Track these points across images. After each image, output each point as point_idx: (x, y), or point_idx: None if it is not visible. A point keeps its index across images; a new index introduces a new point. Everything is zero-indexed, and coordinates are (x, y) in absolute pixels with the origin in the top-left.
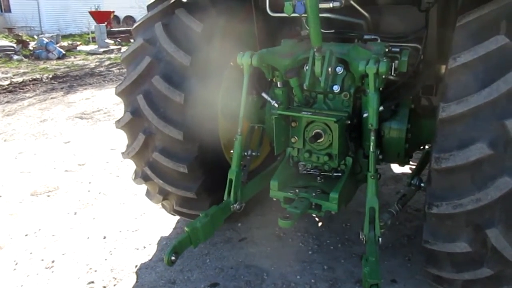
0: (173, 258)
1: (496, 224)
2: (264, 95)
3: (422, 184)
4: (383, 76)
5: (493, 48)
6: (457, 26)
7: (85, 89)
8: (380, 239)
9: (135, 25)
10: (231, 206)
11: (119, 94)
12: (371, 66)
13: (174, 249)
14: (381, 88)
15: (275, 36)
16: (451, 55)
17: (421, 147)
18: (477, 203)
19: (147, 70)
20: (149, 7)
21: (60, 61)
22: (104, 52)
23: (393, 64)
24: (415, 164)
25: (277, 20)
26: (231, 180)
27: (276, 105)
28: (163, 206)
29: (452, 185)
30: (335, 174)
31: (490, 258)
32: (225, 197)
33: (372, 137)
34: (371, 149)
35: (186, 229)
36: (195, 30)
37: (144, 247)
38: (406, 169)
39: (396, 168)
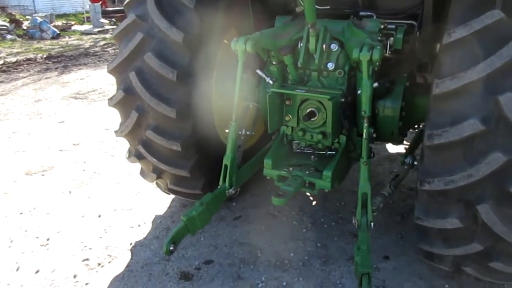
0: (171, 248)
1: (487, 199)
2: (259, 72)
3: (415, 163)
4: (377, 63)
5: (488, 23)
6: (453, 1)
7: (80, 69)
8: (372, 224)
9: (127, 0)
10: (226, 192)
11: (111, 71)
12: (365, 54)
13: (172, 239)
14: (376, 68)
15: (270, 13)
16: (446, 30)
17: (415, 126)
18: (468, 179)
19: (139, 46)
20: None
21: (54, 41)
22: (99, 32)
23: (388, 41)
24: (409, 143)
25: None
26: (226, 166)
27: (271, 82)
28: (158, 185)
29: (444, 161)
30: (329, 152)
31: (481, 233)
32: (220, 183)
33: (365, 124)
34: (364, 136)
35: (182, 218)
36: (188, 6)
37: (139, 226)
38: (401, 148)
39: (390, 147)
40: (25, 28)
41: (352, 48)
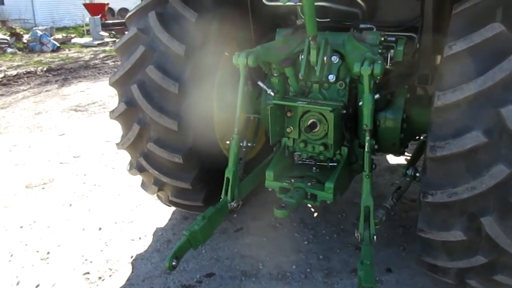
0: (174, 263)
1: (491, 212)
2: (260, 83)
3: (417, 174)
4: (379, 77)
5: (488, 36)
6: (453, 14)
7: (80, 81)
8: (375, 237)
9: (129, 14)
10: (228, 205)
11: (113, 84)
12: (366, 68)
13: (174, 254)
14: (377, 81)
15: (270, 26)
16: (447, 43)
17: (416, 137)
18: (472, 192)
19: (141, 59)
20: None
21: (55, 54)
22: (99, 44)
23: (389, 53)
24: (411, 155)
25: (272, 9)
26: (227, 179)
27: (272, 93)
28: (159, 197)
29: (447, 173)
30: (331, 164)
31: (484, 246)
32: (222, 196)
33: (367, 137)
34: (367, 149)
35: (184, 233)
36: (189, 20)
37: (140, 238)
38: (402, 160)
39: (391, 158)
40: (25, 41)
41: (353, 62)
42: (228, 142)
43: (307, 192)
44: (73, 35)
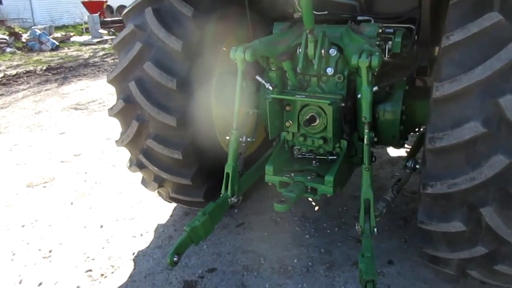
0: (175, 259)
1: (490, 202)
2: (258, 78)
3: (417, 166)
4: (376, 69)
5: (486, 26)
6: (450, 4)
7: (80, 80)
8: (375, 230)
9: (125, 10)
10: (229, 200)
11: (111, 81)
12: (364, 60)
13: (176, 250)
14: (375, 73)
15: (268, 20)
16: (445, 33)
17: (416, 129)
18: (471, 182)
19: (139, 56)
20: None
21: (54, 53)
22: (98, 42)
23: (387, 45)
24: (411, 147)
25: (270, 3)
26: (227, 174)
27: (270, 88)
28: (159, 194)
29: (447, 164)
30: (330, 157)
31: (485, 236)
32: (222, 191)
33: (366, 130)
34: (366, 142)
35: (185, 229)
36: (186, 15)
37: (141, 235)
38: (402, 152)
39: (392, 151)
40: (24, 40)
41: (351, 54)
42: (227, 137)
43: (307, 186)
44: (72, 34)
